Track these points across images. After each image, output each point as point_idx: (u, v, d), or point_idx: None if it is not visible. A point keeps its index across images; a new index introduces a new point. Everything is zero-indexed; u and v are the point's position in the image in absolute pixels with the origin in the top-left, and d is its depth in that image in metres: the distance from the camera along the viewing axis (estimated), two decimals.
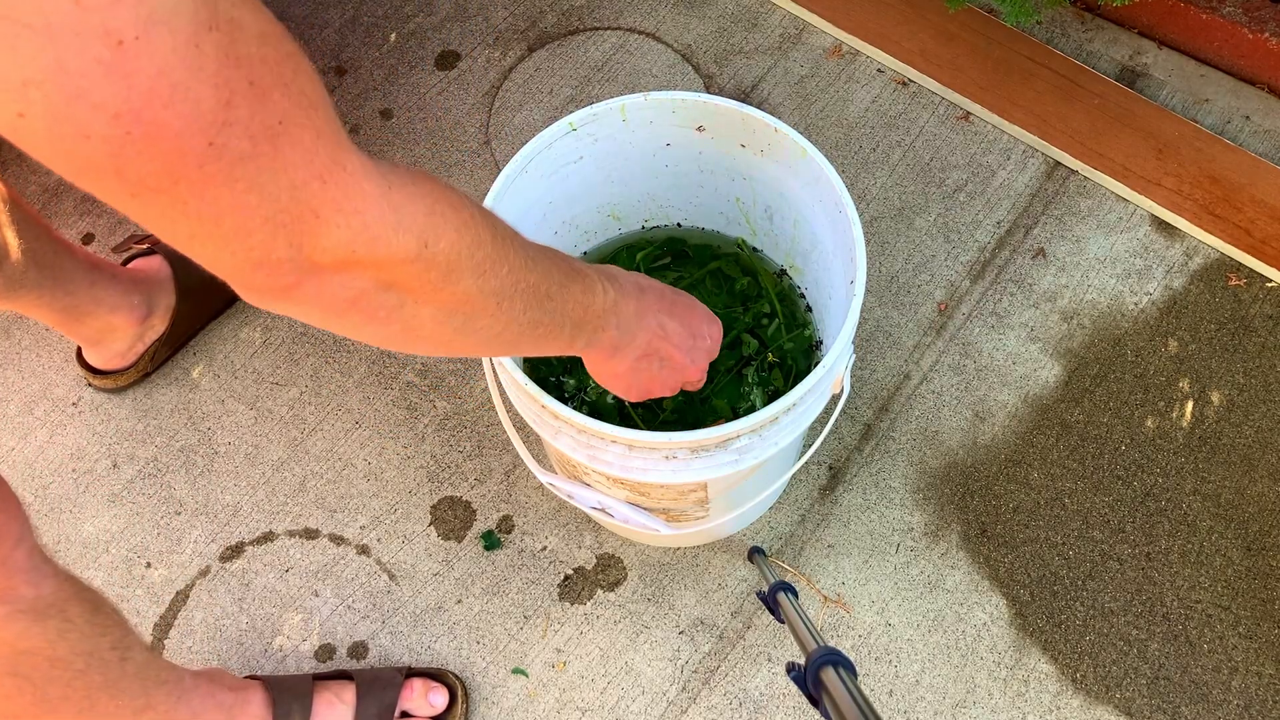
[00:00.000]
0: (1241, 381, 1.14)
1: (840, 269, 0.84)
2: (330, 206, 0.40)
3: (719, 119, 0.88)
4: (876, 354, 1.17)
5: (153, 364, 1.17)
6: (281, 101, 0.37)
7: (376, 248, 0.42)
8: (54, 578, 0.68)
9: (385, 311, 0.46)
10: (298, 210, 0.39)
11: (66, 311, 1.04)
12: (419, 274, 0.46)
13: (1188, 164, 1.24)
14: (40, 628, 0.68)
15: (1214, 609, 1.04)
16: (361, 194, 0.41)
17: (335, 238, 0.41)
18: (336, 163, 0.40)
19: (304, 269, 0.41)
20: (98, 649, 0.72)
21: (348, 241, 0.41)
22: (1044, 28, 1.37)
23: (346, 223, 0.41)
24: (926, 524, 1.08)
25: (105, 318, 1.09)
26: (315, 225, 0.40)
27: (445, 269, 0.47)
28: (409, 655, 1.04)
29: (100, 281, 1.06)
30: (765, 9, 1.42)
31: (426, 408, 1.17)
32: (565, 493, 0.87)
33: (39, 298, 0.99)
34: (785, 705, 1.01)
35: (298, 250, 0.40)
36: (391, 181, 0.43)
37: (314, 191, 0.39)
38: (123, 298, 1.09)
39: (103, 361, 1.15)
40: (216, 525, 1.11)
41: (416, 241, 0.44)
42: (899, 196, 1.27)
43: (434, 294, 0.47)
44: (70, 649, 0.69)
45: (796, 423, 0.78)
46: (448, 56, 1.41)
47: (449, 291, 0.48)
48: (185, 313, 1.16)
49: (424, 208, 0.44)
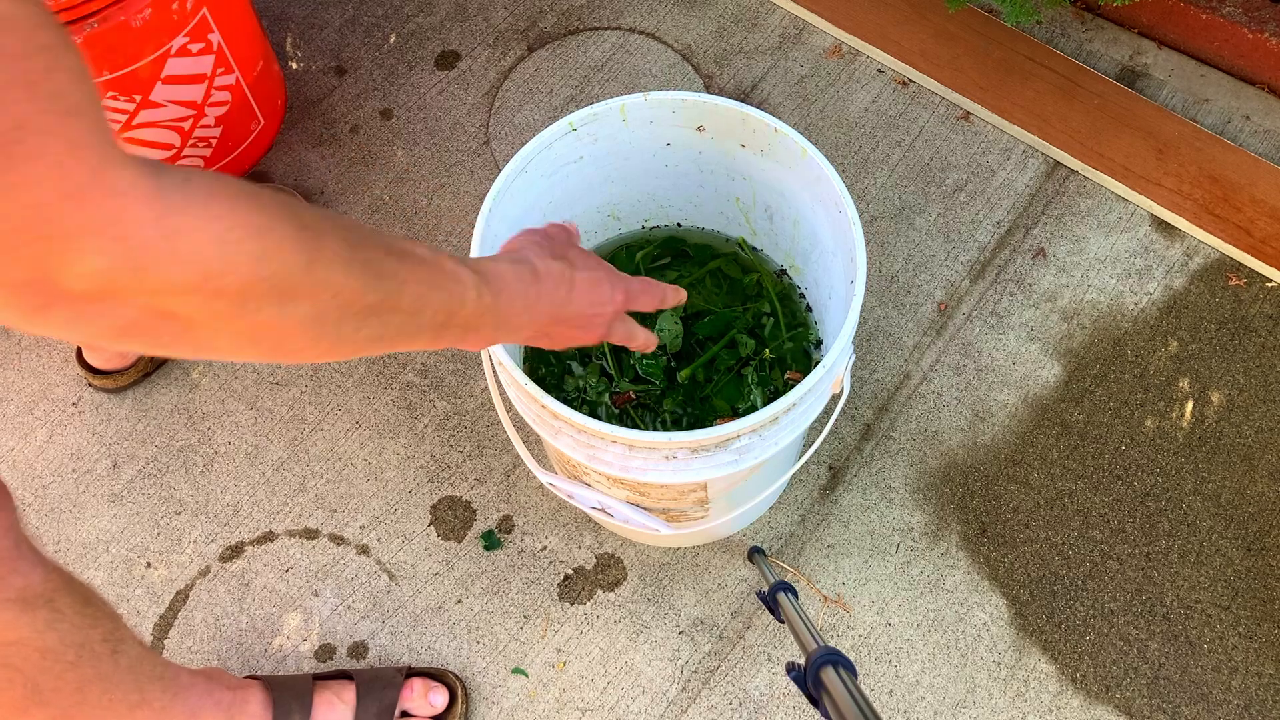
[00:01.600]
0: (1241, 381, 1.14)
1: (840, 269, 0.84)
2: (85, 230, 0.35)
3: (719, 119, 0.88)
4: (876, 354, 1.17)
5: (153, 364, 1.18)
6: (22, 104, 0.32)
7: (144, 277, 0.37)
8: (42, 568, 0.68)
9: (169, 337, 0.41)
10: (42, 232, 0.34)
11: None
12: (202, 305, 0.40)
13: (1188, 164, 1.24)
14: (29, 618, 0.67)
15: (1214, 609, 1.04)
16: (129, 217, 0.36)
17: (91, 265, 0.35)
18: (98, 180, 0.35)
19: (53, 295, 0.36)
20: (88, 641, 0.71)
21: (106, 270, 0.36)
22: (1044, 28, 1.37)
23: (106, 249, 0.35)
24: (926, 524, 1.08)
25: None
26: (65, 250, 0.35)
27: (237, 300, 0.41)
28: (409, 655, 1.04)
29: None
30: (765, 9, 1.42)
31: (426, 408, 1.17)
32: (565, 493, 0.87)
33: None
34: (785, 705, 1.01)
35: (43, 275, 0.35)
36: (173, 203, 0.38)
37: (64, 212, 0.34)
38: None
39: (103, 361, 1.15)
40: (216, 525, 1.11)
41: (197, 273, 0.39)
42: (899, 196, 1.27)
43: (227, 324, 0.42)
44: (60, 640, 0.69)
45: (796, 423, 0.78)
46: (448, 56, 1.41)
47: (246, 321, 0.42)
48: None
49: (213, 234, 0.39)
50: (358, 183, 1.31)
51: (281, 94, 1.35)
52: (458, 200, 1.29)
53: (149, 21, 1.04)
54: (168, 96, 1.14)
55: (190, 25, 1.10)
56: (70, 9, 0.98)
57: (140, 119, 1.15)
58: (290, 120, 1.36)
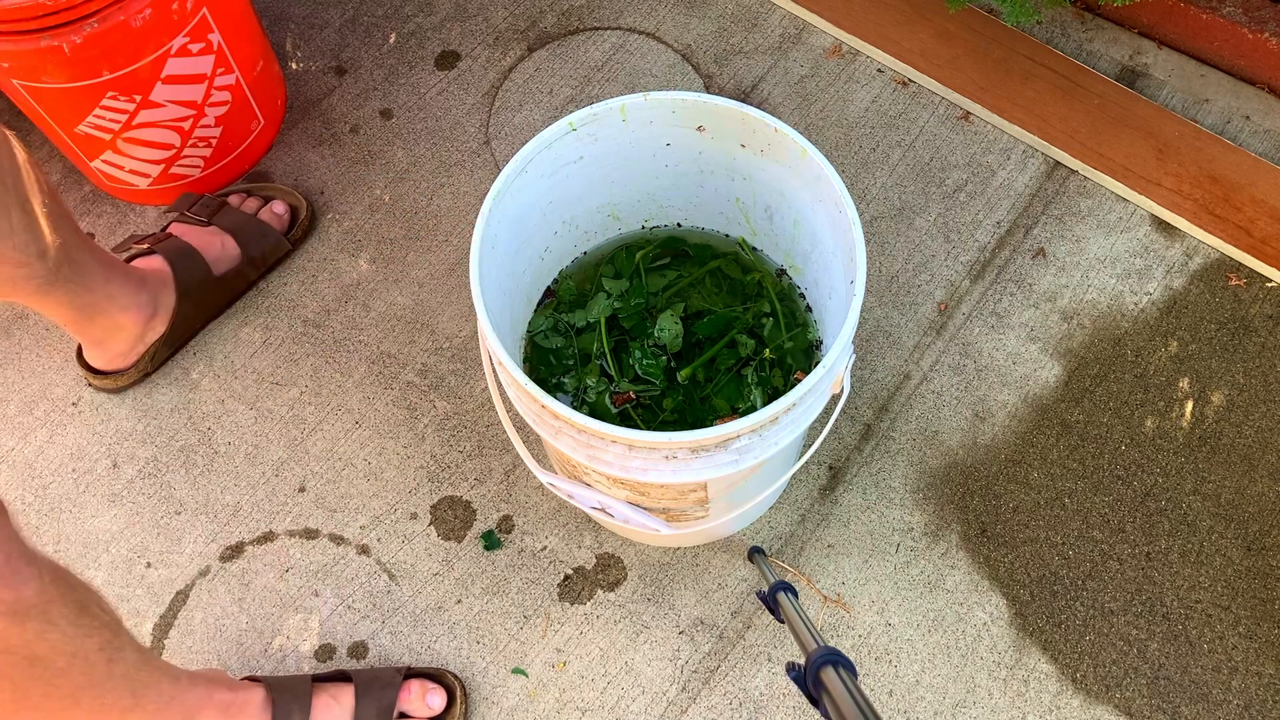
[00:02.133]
0: (1241, 381, 1.14)
1: (840, 269, 0.84)
2: None
3: (719, 119, 0.88)
4: (876, 354, 1.17)
5: (153, 364, 1.17)
6: None
7: None
8: (37, 580, 0.68)
9: None
10: None
11: (83, 309, 1.04)
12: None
13: (1188, 164, 1.24)
14: (18, 629, 0.68)
15: (1214, 609, 1.04)
16: None
17: None
18: None
19: None
20: (82, 650, 0.72)
21: None
22: (1044, 28, 1.37)
23: None
24: (926, 524, 1.08)
25: (115, 316, 1.09)
26: None
27: None
28: (409, 655, 1.04)
29: (114, 279, 1.06)
30: (765, 9, 1.42)
31: (426, 408, 1.17)
32: (565, 493, 0.87)
33: (65, 294, 0.98)
34: (785, 705, 1.01)
35: None
36: None
37: None
38: (133, 296, 1.09)
39: (104, 362, 1.15)
40: (216, 525, 1.11)
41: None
42: (899, 196, 1.27)
43: None
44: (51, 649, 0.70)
45: (796, 423, 0.78)
46: (448, 56, 1.41)
47: None
48: (185, 313, 1.16)
49: None
50: (358, 183, 1.31)
51: (281, 94, 1.35)
52: (458, 200, 1.29)
53: (149, 21, 1.04)
54: (168, 96, 1.14)
55: (190, 25, 1.10)
56: (70, 9, 0.98)
57: (140, 119, 1.15)
58: (290, 120, 1.36)
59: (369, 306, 1.23)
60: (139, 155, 1.20)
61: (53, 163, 1.34)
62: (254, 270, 1.21)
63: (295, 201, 1.26)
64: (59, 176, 1.33)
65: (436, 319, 1.22)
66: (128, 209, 1.31)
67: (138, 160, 1.21)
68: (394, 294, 1.24)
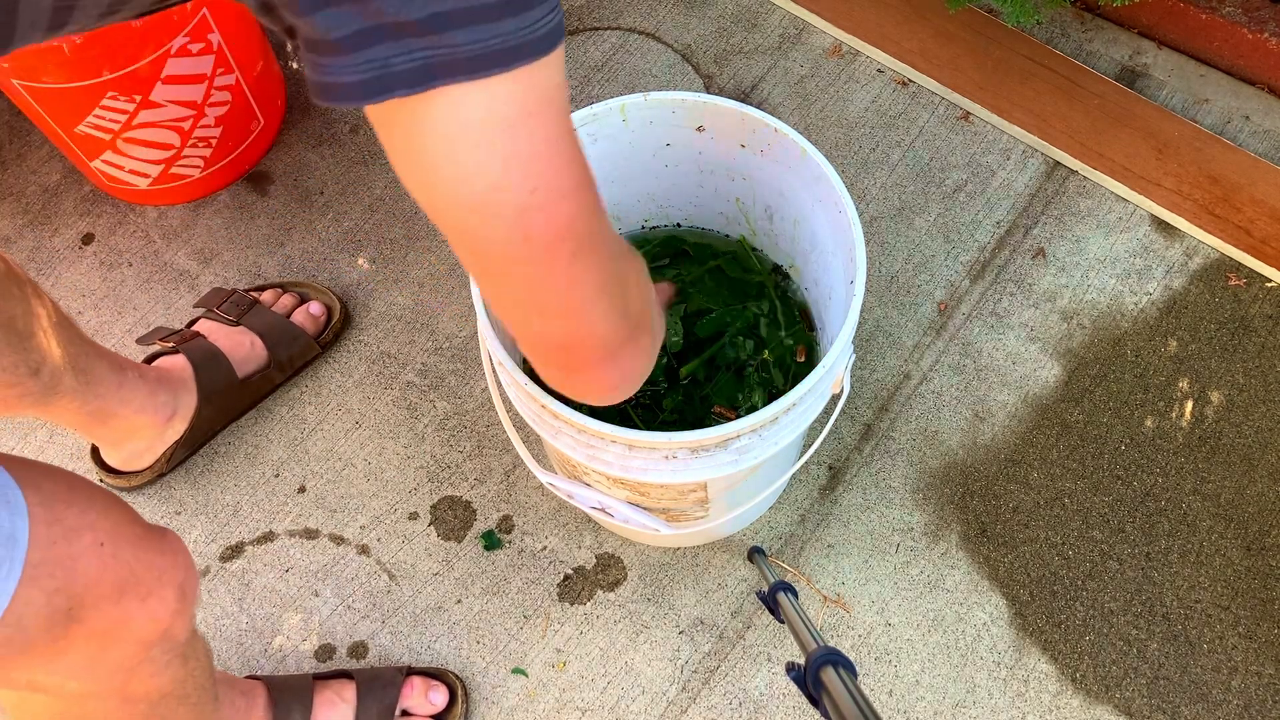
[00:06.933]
0: (1241, 381, 1.14)
1: (840, 269, 0.84)
2: None
3: (719, 119, 0.88)
4: (876, 354, 1.17)
5: (169, 465, 1.12)
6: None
7: None
8: (192, 617, 0.69)
9: None
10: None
11: (94, 415, 0.98)
12: None
13: (1188, 164, 1.24)
14: (185, 670, 0.70)
15: (1214, 609, 1.04)
16: None
17: None
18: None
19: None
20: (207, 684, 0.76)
21: None
22: (1044, 28, 1.37)
23: None
24: (926, 524, 1.08)
25: (130, 418, 1.03)
26: None
27: None
28: (409, 655, 1.04)
29: (128, 383, 1.01)
30: (765, 9, 1.42)
31: (426, 408, 1.17)
32: (565, 493, 0.87)
33: (71, 402, 0.93)
34: (785, 705, 1.01)
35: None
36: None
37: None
38: (149, 398, 1.04)
39: (120, 462, 1.10)
40: (216, 525, 1.11)
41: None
42: (899, 196, 1.27)
43: None
44: (196, 686, 0.73)
45: (796, 422, 0.78)
46: None
47: None
48: (206, 416, 1.11)
49: None
50: (358, 183, 1.31)
51: (281, 94, 1.35)
52: None
53: (149, 21, 1.04)
54: (168, 96, 1.14)
55: (190, 25, 1.10)
56: None
57: (140, 119, 1.15)
58: (290, 120, 1.36)
59: (369, 306, 1.23)
60: (139, 155, 1.20)
61: (53, 163, 1.34)
62: (280, 374, 1.16)
63: (330, 303, 1.20)
64: (59, 177, 1.33)
65: (436, 319, 1.22)
66: (128, 209, 1.31)
67: (138, 160, 1.21)
68: (394, 294, 1.24)
